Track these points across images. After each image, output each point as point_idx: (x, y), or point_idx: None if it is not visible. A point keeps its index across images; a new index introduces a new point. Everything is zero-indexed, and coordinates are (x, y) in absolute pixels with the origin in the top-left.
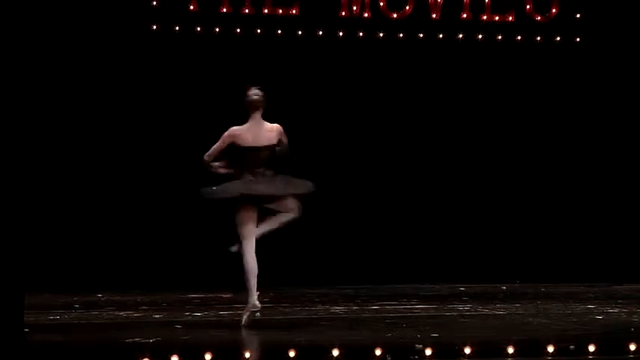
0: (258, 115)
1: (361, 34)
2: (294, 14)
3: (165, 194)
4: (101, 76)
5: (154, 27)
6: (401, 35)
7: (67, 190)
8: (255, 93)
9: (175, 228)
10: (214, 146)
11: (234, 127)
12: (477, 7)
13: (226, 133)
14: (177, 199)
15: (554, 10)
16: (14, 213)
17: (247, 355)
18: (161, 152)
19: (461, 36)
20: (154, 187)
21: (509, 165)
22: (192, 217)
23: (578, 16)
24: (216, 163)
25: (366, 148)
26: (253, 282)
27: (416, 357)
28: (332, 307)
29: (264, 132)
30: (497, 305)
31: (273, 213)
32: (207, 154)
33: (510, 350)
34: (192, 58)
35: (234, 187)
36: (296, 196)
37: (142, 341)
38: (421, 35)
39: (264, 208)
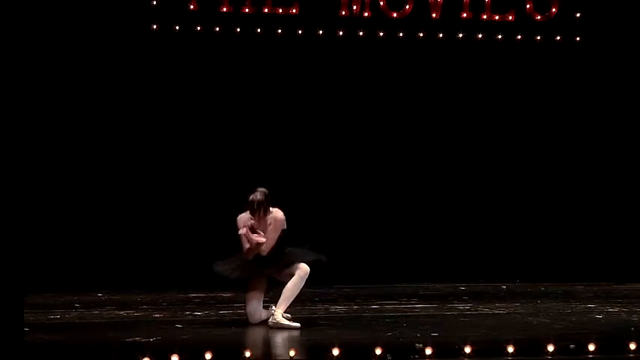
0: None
1: (361, 33)
2: (294, 13)
3: (165, 194)
4: (101, 76)
5: (154, 26)
6: (401, 34)
7: (67, 190)
8: (252, 198)
9: (175, 227)
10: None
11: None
12: (476, 7)
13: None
14: (177, 199)
15: (554, 10)
16: (14, 213)
17: (247, 354)
18: (161, 152)
19: (461, 35)
20: (153, 187)
21: (510, 165)
22: (193, 216)
23: (577, 15)
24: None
25: (365, 148)
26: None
27: (416, 356)
28: (332, 307)
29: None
30: (497, 304)
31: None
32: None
33: (510, 349)
34: (192, 57)
35: (232, 270)
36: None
37: (143, 340)
38: (421, 34)
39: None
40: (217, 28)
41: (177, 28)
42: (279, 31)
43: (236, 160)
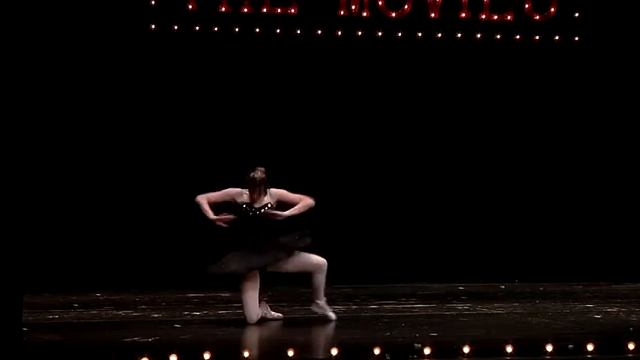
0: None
1: (360, 33)
2: (293, 13)
3: (163, 193)
4: (100, 76)
5: (153, 26)
6: (400, 34)
7: (66, 190)
8: (253, 175)
9: (174, 227)
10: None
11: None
12: (475, 7)
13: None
14: (175, 198)
15: (552, 10)
16: (12, 212)
17: (246, 354)
18: (159, 152)
19: (459, 35)
20: (152, 187)
21: (508, 164)
22: (191, 216)
23: (576, 15)
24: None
25: (364, 148)
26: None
27: (415, 356)
28: (331, 307)
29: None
30: (496, 304)
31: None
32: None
33: (509, 349)
34: (190, 57)
35: (232, 264)
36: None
37: (141, 340)
38: (420, 34)
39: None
40: (216, 28)
41: (175, 28)
42: (278, 31)
43: (234, 159)
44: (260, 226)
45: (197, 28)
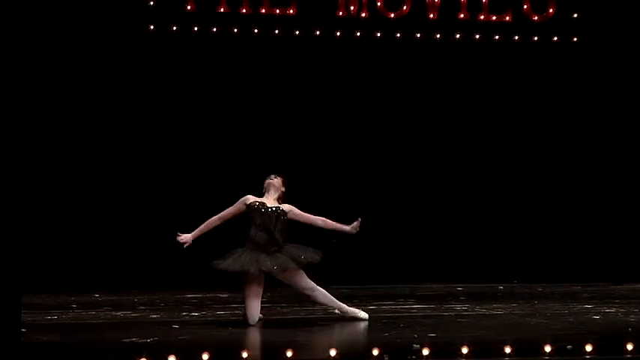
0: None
1: (358, 33)
2: (292, 14)
3: (162, 194)
4: (99, 77)
5: (151, 27)
6: (398, 35)
7: (65, 190)
8: (269, 180)
9: (173, 227)
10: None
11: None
12: (474, 7)
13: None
14: (174, 199)
15: (551, 10)
16: (11, 213)
17: (245, 354)
18: (158, 152)
19: (458, 36)
20: (151, 187)
21: (507, 165)
22: (190, 216)
23: (575, 15)
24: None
25: (363, 148)
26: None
27: (413, 357)
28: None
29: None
30: (495, 305)
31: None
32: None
33: (507, 350)
34: (189, 58)
35: (238, 264)
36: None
37: (140, 341)
38: (418, 35)
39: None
40: (214, 29)
41: (174, 28)
42: (277, 31)
43: (233, 160)
44: (273, 226)
45: (196, 28)
